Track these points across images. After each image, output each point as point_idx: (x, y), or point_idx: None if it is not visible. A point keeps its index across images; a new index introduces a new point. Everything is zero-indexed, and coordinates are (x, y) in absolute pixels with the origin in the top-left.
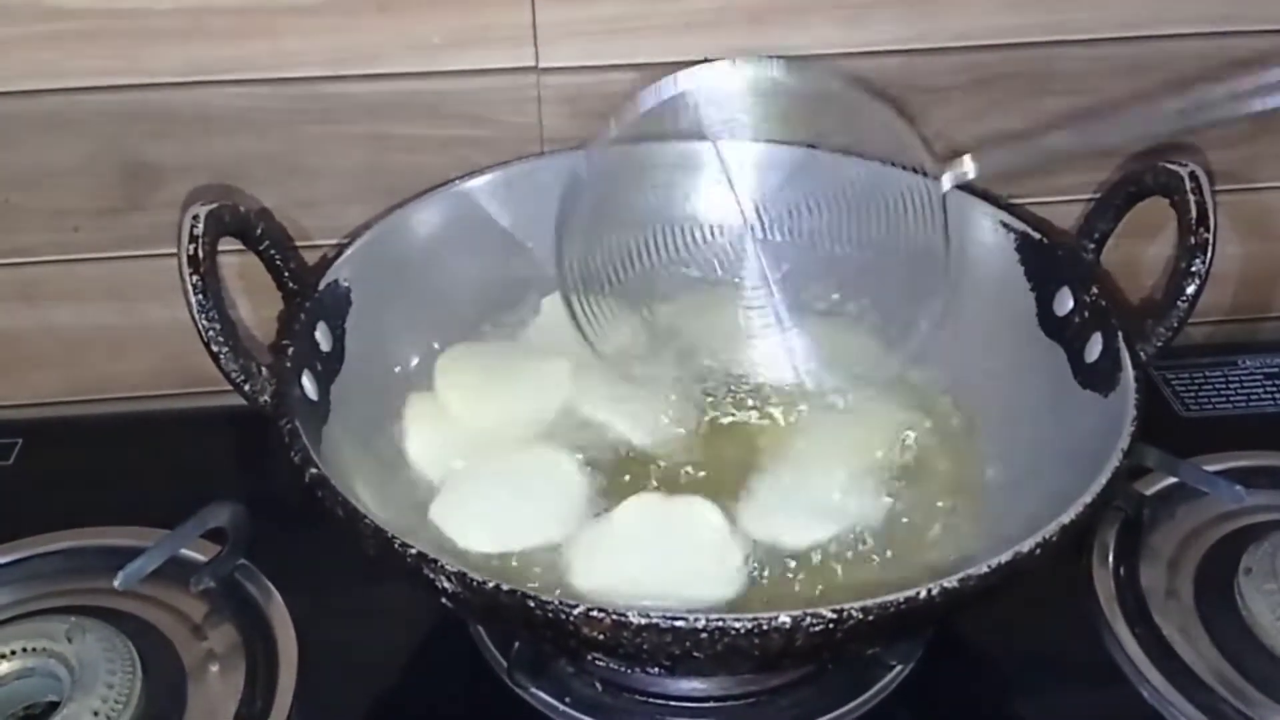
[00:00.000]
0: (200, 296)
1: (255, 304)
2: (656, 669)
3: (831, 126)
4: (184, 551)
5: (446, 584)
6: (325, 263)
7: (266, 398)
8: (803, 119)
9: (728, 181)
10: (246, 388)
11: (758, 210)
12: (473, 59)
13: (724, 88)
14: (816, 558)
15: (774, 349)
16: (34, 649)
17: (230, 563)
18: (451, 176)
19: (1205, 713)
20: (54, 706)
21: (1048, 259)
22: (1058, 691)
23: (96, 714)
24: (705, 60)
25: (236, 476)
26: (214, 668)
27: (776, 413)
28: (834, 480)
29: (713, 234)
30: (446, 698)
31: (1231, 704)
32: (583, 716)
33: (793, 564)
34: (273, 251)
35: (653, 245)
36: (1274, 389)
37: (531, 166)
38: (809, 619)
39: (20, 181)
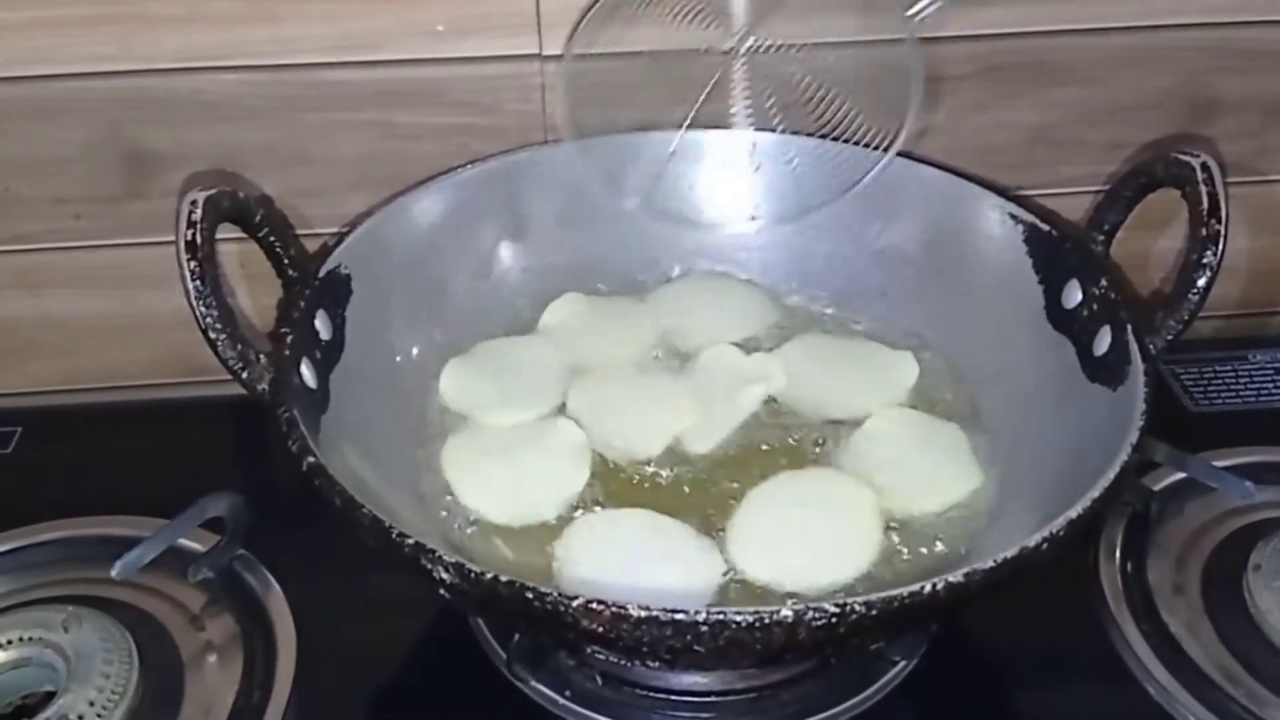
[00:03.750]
0: (198, 283)
1: (255, 291)
2: (656, 662)
3: None
4: (182, 541)
5: (444, 575)
6: (326, 250)
7: (264, 386)
8: None
9: None
10: (244, 376)
11: None
12: (476, 46)
13: None
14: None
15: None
16: (30, 638)
17: (229, 553)
18: (454, 165)
19: (1212, 710)
20: (50, 696)
21: (1056, 251)
22: (1063, 687)
23: (93, 704)
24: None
25: (236, 466)
26: (212, 658)
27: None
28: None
29: None
30: (446, 690)
31: (1239, 701)
32: (583, 710)
33: None
34: (272, 238)
35: None
36: None
37: (535, 155)
38: (811, 613)
39: (20, 169)
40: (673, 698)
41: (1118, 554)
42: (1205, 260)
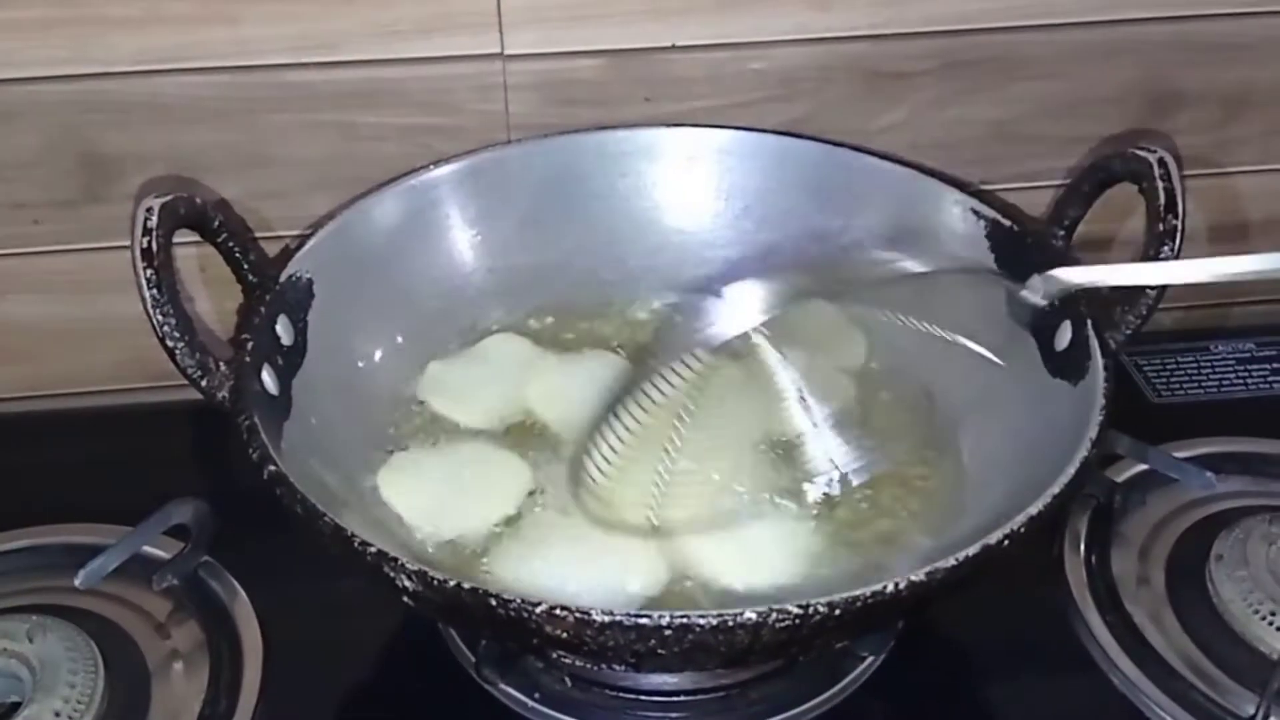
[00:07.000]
0: (154, 291)
1: (216, 295)
2: (621, 666)
3: None
4: (146, 549)
5: (407, 583)
6: (287, 254)
7: (224, 394)
8: None
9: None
10: (203, 383)
11: None
12: (437, 45)
13: None
14: None
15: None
16: None
17: (193, 560)
18: (417, 166)
19: (1176, 700)
20: (15, 707)
21: (1018, 246)
22: (1029, 679)
23: (59, 715)
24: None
25: (200, 472)
26: (178, 666)
27: None
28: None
29: None
30: (415, 695)
31: (1202, 691)
32: (552, 712)
33: None
34: (231, 244)
35: None
36: (1245, 374)
37: (499, 155)
38: (774, 615)
39: None
40: (642, 698)
41: (1082, 546)
42: (1163, 255)
